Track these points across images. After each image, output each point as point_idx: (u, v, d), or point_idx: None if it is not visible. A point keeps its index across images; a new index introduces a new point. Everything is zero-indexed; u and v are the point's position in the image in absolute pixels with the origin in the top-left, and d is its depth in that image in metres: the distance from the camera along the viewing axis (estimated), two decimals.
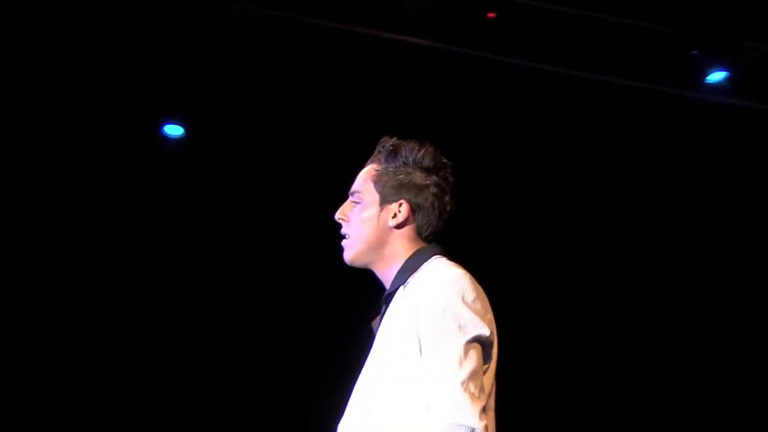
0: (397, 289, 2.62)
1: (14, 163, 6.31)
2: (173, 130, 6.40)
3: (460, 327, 2.45)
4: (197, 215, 6.55)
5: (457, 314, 2.46)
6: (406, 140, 2.75)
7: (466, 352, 2.42)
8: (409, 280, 2.60)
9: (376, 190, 2.71)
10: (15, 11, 5.58)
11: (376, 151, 2.76)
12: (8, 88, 6.00)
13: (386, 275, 2.70)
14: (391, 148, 2.73)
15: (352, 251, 2.71)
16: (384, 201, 2.70)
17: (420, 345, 2.46)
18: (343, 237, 2.74)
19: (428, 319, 2.47)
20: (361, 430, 2.49)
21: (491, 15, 5.74)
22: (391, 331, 2.54)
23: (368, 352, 2.63)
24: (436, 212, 2.69)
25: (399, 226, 2.68)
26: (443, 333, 2.45)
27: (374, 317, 2.68)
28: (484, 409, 2.40)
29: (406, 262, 2.65)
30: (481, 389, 2.42)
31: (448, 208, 2.70)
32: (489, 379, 2.51)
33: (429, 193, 2.69)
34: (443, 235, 2.72)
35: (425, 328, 2.46)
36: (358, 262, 2.73)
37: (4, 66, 5.89)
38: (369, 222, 2.70)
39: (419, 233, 2.69)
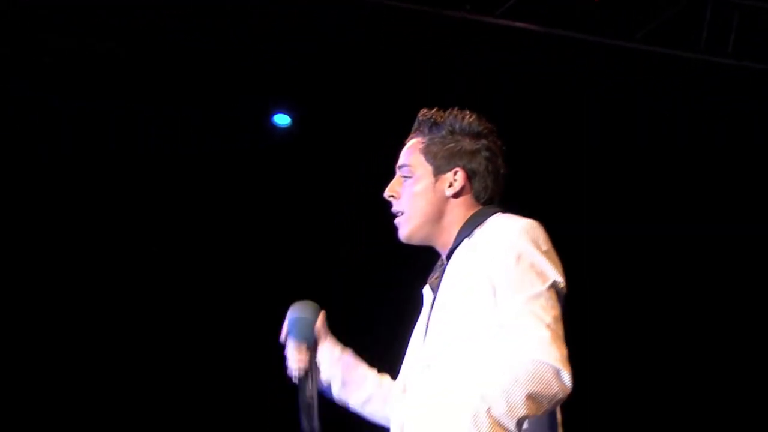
0: (459, 243, 2.56)
1: (112, 160, 6.35)
2: (282, 120, 6.54)
3: (538, 274, 2.40)
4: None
5: (534, 261, 2.41)
6: (443, 109, 2.68)
7: (547, 299, 2.38)
8: (474, 232, 2.54)
9: (428, 162, 2.63)
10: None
11: (416, 124, 2.68)
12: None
13: (446, 243, 2.61)
14: (434, 118, 2.66)
15: (408, 227, 2.62)
16: (438, 171, 2.62)
17: (495, 293, 2.41)
18: (395, 215, 2.65)
19: (504, 267, 2.41)
20: (427, 383, 2.46)
21: None
22: (458, 283, 2.49)
23: (422, 312, 2.61)
24: (491, 176, 2.62)
25: (456, 195, 2.61)
26: (522, 280, 2.39)
27: (432, 279, 2.63)
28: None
29: (467, 220, 2.58)
30: (562, 333, 2.37)
31: (501, 170, 2.64)
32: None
33: (482, 157, 2.62)
34: (499, 199, 2.65)
35: (501, 276, 2.41)
36: (416, 238, 2.64)
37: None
38: (424, 194, 2.61)
39: (477, 199, 2.62)
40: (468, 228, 2.57)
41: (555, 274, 2.42)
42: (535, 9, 5.81)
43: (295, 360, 2.69)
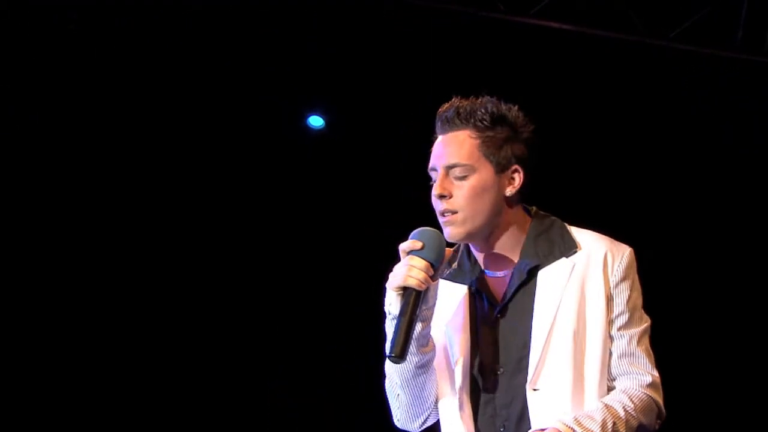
0: (543, 263, 2.51)
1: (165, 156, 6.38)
2: (316, 122, 6.56)
3: (642, 306, 2.56)
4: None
5: (639, 293, 2.56)
6: (472, 98, 2.57)
7: (649, 335, 2.56)
8: (573, 252, 2.51)
9: (487, 159, 2.50)
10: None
11: (454, 117, 2.53)
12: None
13: (498, 246, 2.54)
14: (480, 110, 2.52)
15: (466, 227, 2.49)
16: (500, 169, 2.51)
17: (611, 318, 2.50)
18: (444, 214, 2.51)
19: (622, 298, 2.51)
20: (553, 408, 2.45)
21: None
22: (574, 305, 2.48)
23: (463, 310, 2.54)
24: (530, 172, 2.56)
25: (515, 194, 2.53)
26: (634, 313, 2.53)
27: (469, 280, 2.56)
28: None
29: (532, 230, 2.54)
30: None
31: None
32: None
33: (531, 150, 2.55)
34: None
35: (621, 304, 2.50)
36: (471, 239, 2.53)
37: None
38: (486, 193, 2.49)
39: (523, 197, 2.57)
40: (544, 242, 2.53)
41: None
42: (569, 8, 5.80)
43: (419, 275, 2.41)
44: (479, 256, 2.58)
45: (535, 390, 2.45)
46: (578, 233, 2.56)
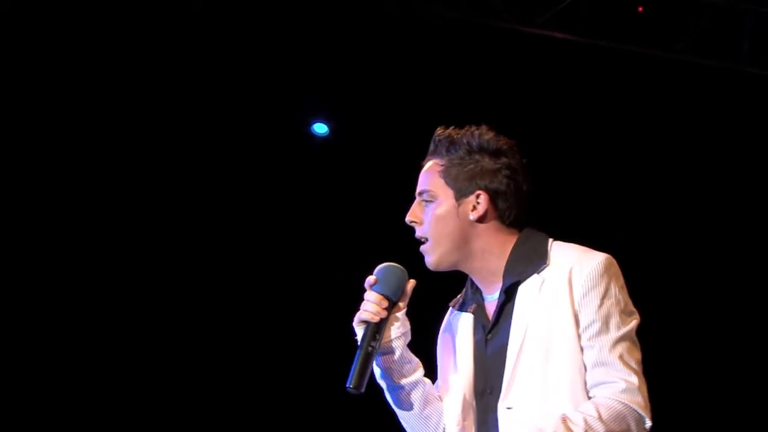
0: (520, 277, 2.49)
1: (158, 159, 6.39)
2: (320, 129, 6.58)
3: (622, 312, 2.44)
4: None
5: (618, 299, 2.44)
6: (459, 128, 2.58)
7: (632, 339, 2.44)
8: (543, 267, 2.48)
9: (448, 185, 2.53)
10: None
11: (432, 146, 2.58)
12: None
13: (482, 271, 2.55)
14: (449, 138, 2.55)
15: (435, 254, 2.54)
16: (460, 195, 2.53)
17: (582, 334, 2.42)
18: (420, 242, 2.56)
19: (591, 308, 2.42)
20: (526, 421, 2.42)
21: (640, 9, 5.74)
22: (539, 323, 2.44)
23: (462, 340, 2.57)
24: (514, 195, 2.53)
25: (481, 219, 2.52)
26: (608, 321, 2.42)
27: (470, 307, 2.59)
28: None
29: (514, 250, 2.52)
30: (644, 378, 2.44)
31: (524, 188, 2.55)
32: None
33: (503, 176, 2.52)
34: (525, 218, 2.58)
35: (588, 316, 2.42)
36: (444, 265, 2.55)
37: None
38: (447, 219, 2.52)
39: (503, 220, 2.54)
40: (522, 262, 2.50)
41: (634, 312, 2.47)
42: (574, 19, 5.79)
43: (372, 308, 2.51)
44: (477, 282, 2.60)
45: (508, 408, 2.45)
46: (556, 247, 2.52)
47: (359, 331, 2.55)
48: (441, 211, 2.53)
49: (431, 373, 2.66)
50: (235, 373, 6.54)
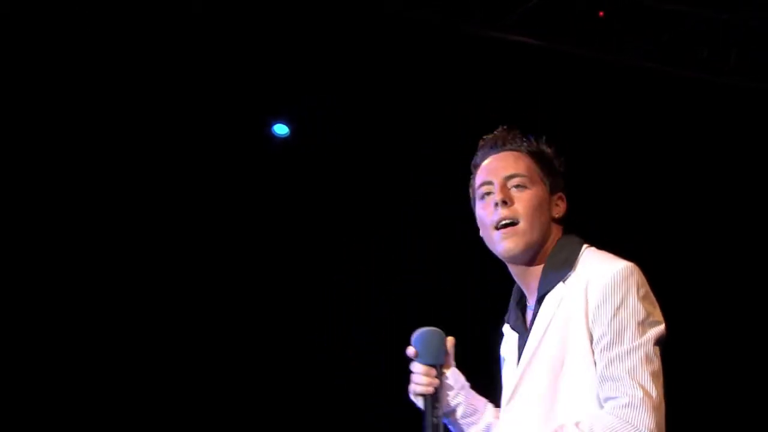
0: (549, 287, 2.48)
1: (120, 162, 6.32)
2: (280, 130, 6.54)
3: (639, 324, 2.38)
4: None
5: (635, 310, 2.38)
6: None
7: (646, 351, 2.36)
8: (568, 275, 2.46)
9: (544, 177, 2.55)
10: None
11: (512, 140, 2.58)
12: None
13: (534, 272, 2.54)
14: (530, 136, 2.58)
15: (524, 240, 2.50)
16: (552, 190, 2.55)
17: (593, 342, 2.39)
18: (506, 224, 2.51)
19: (603, 318, 2.38)
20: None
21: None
22: (555, 334, 2.44)
23: (509, 354, 2.57)
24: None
25: (558, 220, 2.55)
26: (622, 331, 2.37)
27: (512, 319, 2.59)
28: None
29: (550, 258, 2.51)
30: (660, 392, 2.37)
31: None
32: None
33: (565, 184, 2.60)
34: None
35: (602, 327, 2.38)
36: (523, 255, 2.52)
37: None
38: (543, 209, 2.53)
39: (564, 229, 2.57)
40: (556, 268, 2.49)
41: (655, 323, 2.41)
42: (538, 23, 5.82)
43: (423, 380, 2.52)
44: (524, 287, 2.58)
45: (509, 417, 2.48)
46: (586, 255, 2.50)
47: (417, 402, 2.56)
48: (539, 200, 2.53)
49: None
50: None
